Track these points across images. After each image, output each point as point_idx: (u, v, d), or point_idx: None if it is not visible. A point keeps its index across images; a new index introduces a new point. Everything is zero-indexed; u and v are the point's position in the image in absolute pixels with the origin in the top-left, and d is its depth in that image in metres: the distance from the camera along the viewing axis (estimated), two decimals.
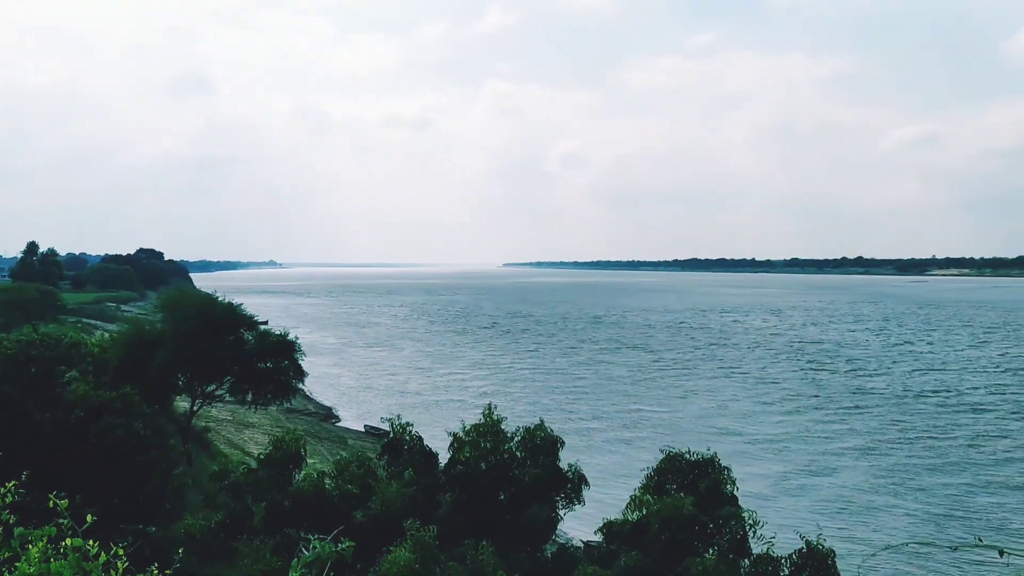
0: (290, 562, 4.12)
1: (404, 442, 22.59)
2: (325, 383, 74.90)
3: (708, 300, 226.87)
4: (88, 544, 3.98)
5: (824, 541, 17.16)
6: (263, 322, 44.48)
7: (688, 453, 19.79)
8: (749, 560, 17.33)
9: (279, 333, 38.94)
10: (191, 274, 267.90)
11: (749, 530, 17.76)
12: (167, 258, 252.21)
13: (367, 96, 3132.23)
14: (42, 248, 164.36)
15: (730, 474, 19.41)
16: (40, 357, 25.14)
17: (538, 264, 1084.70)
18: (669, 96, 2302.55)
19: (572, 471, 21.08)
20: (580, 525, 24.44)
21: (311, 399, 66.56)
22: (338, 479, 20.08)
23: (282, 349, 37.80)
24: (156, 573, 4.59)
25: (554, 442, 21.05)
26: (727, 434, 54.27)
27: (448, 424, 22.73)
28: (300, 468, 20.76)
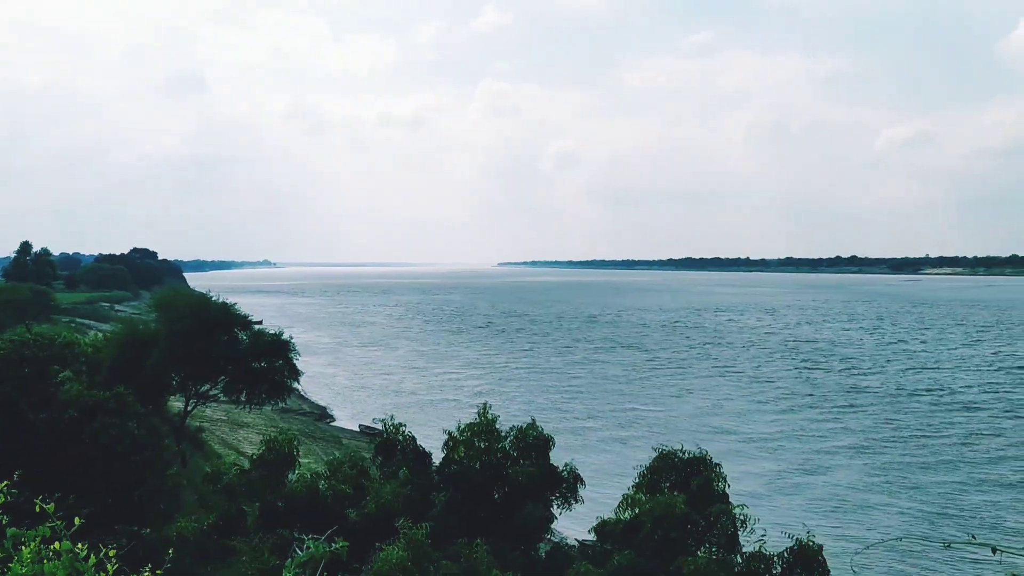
0: (284, 562, 4.11)
1: (397, 442, 22.59)
2: (320, 383, 74.83)
3: (703, 299, 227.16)
4: (77, 547, 3.96)
5: (814, 538, 17.19)
6: (257, 322, 44.44)
7: (681, 451, 19.79)
8: (740, 557, 17.36)
9: (273, 333, 38.89)
10: (185, 274, 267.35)
11: (740, 527, 17.78)
12: (161, 258, 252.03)
13: (363, 96, 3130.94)
14: (36, 248, 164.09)
15: (721, 471, 19.43)
16: (34, 357, 25.08)
17: (533, 263, 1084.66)
18: (665, 96, 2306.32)
19: (567, 470, 21.07)
20: (574, 524, 24.46)
21: (306, 399, 66.50)
22: (331, 479, 20.05)
23: (276, 349, 37.74)
24: (149, 575, 4.57)
25: (546, 441, 21.05)
26: (722, 433, 54.35)
27: (443, 424, 22.71)
28: (293, 468, 20.72)
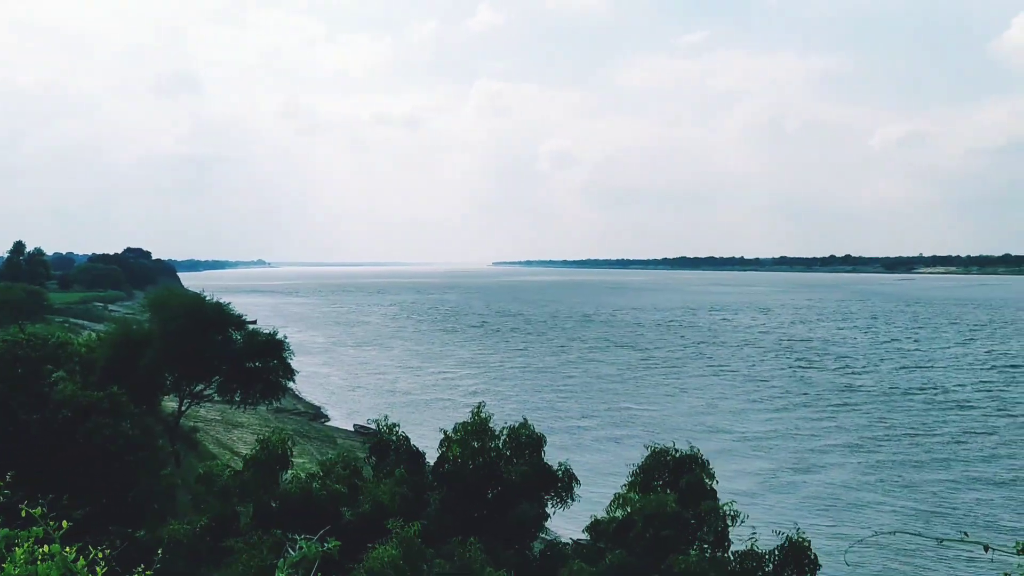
0: (278, 562, 4.11)
1: (391, 442, 22.58)
2: (314, 382, 74.75)
3: (697, 298, 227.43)
4: (66, 550, 3.96)
5: (804, 534, 17.23)
6: (252, 321, 44.33)
7: (673, 449, 19.80)
8: (731, 554, 17.39)
9: (268, 332, 38.76)
10: (179, 273, 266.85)
11: (730, 523, 17.80)
12: (155, 257, 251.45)
13: (357, 95, 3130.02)
14: (29, 247, 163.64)
15: (709, 467, 19.43)
16: (27, 357, 24.99)
17: (528, 263, 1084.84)
18: (660, 95, 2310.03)
19: (562, 469, 21.08)
20: (568, 523, 24.48)
21: (300, 398, 66.40)
22: (324, 480, 20.02)
23: (271, 348, 37.62)
24: None
25: (539, 440, 21.05)
26: (716, 432, 54.43)
27: (437, 423, 22.73)
28: (287, 468, 20.68)
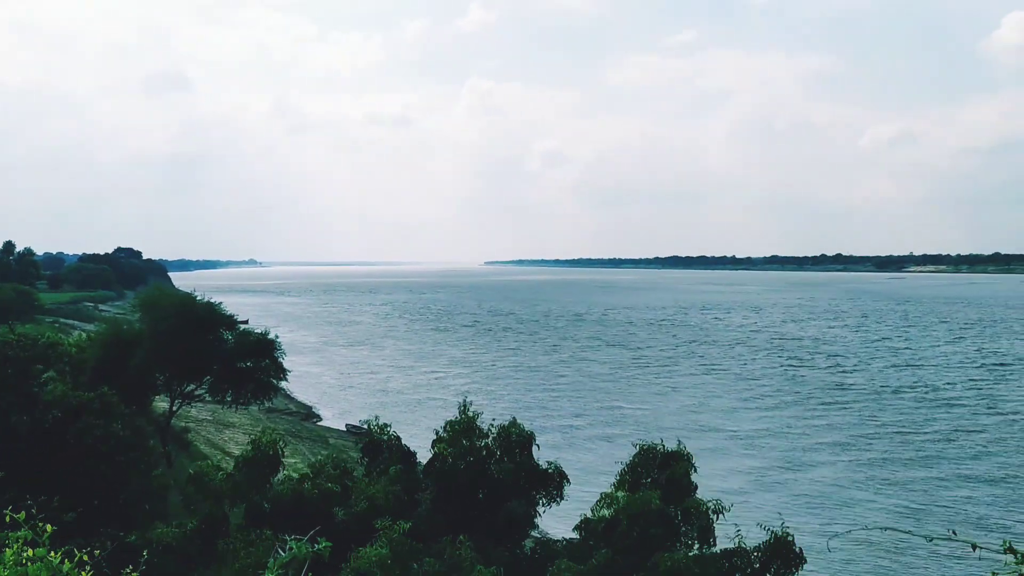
0: (268, 562, 4.11)
1: (383, 442, 22.57)
2: (306, 382, 74.59)
3: (689, 298, 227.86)
4: (51, 555, 3.96)
5: (788, 530, 17.30)
6: (243, 321, 44.27)
7: (660, 446, 19.82)
8: (716, 549, 17.43)
9: (259, 332, 38.69)
10: (170, 273, 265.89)
11: (714, 518, 17.84)
12: (145, 257, 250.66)
13: (348, 94, 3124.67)
14: (19, 247, 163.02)
15: (693, 462, 19.46)
16: (16, 357, 24.86)
17: (519, 262, 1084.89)
18: (650, 94, 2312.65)
19: (552, 468, 21.10)
20: (559, 523, 24.49)
21: (292, 398, 66.30)
22: (314, 480, 19.99)
23: (262, 348, 37.54)
24: None
25: (529, 438, 21.06)
26: (708, 430, 54.55)
27: (429, 423, 22.76)
28: (279, 469, 20.63)
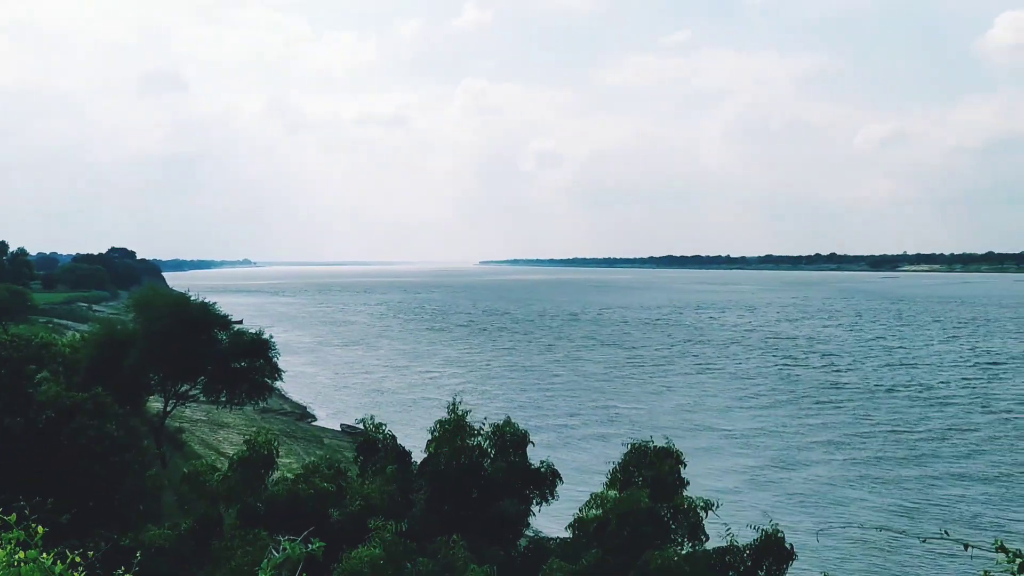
0: (262, 563, 4.11)
1: (378, 441, 22.52)
2: (301, 382, 74.49)
3: (683, 297, 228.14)
4: (42, 557, 3.95)
5: (778, 527, 17.36)
6: (237, 321, 44.18)
7: (650, 443, 19.82)
8: (709, 548, 17.46)
9: (254, 332, 38.62)
10: (164, 273, 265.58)
11: (703, 514, 17.86)
12: (139, 257, 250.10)
13: (342, 94, 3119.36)
14: (12, 247, 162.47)
15: (681, 458, 19.47)
16: (10, 358, 24.78)
17: (514, 262, 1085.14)
18: (644, 94, 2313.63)
19: (545, 466, 21.11)
20: (553, 522, 24.50)
21: (287, 398, 66.16)
22: (309, 480, 19.93)
23: (257, 348, 37.47)
24: None
25: (523, 438, 21.05)
26: (702, 429, 54.65)
27: (424, 423, 22.71)
28: (273, 469, 20.60)
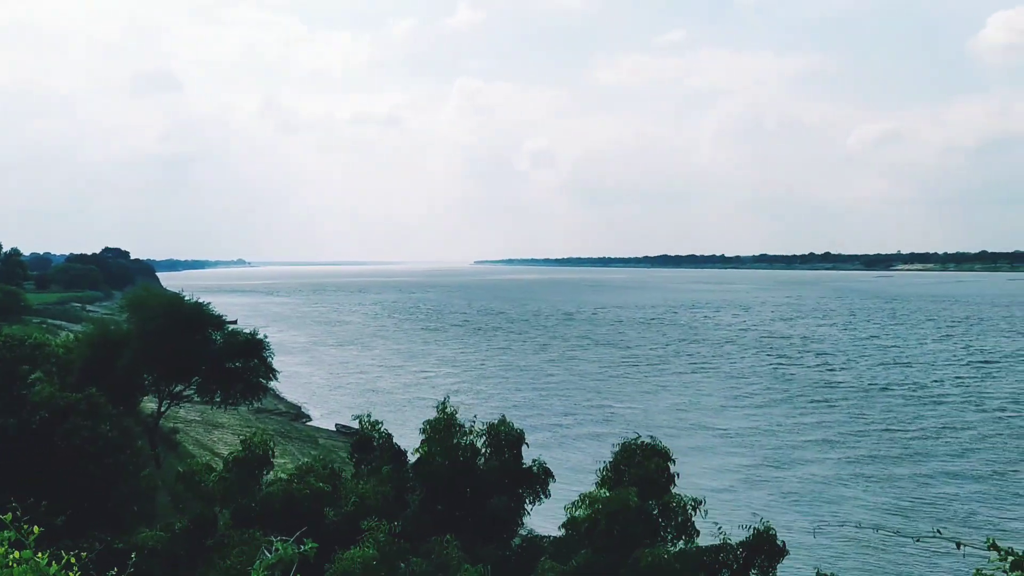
0: (254, 564, 4.11)
1: (373, 439, 22.47)
2: (295, 382, 74.38)
3: (678, 296, 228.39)
4: (38, 556, 3.95)
5: (770, 523, 17.40)
6: (232, 321, 44.18)
7: (638, 441, 19.84)
8: (702, 546, 17.51)
9: (248, 332, 38.60)
10: (158, 273, 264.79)
11: (692, 512, 17.90)
12: (133, 257, 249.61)
13: (337, 94, 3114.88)
14: (6, 248, 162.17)
15: (670, 455, 19.49)
16: (3, 358, 24.75)
17: (509, 261, 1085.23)
18: (639, 94, 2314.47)
19: (537, 465, 21.13)
20: (546, 522, 24.51)
21: (281, 398, 66.08)
22: (304, 480, 19.91)
23: (251, 348, 37.47)
24: None
25: (518, 437, 21.07)
26: (697, 428, 54.73)
27: (419, 422, 22.63)
28: (268, 469, 20.58)
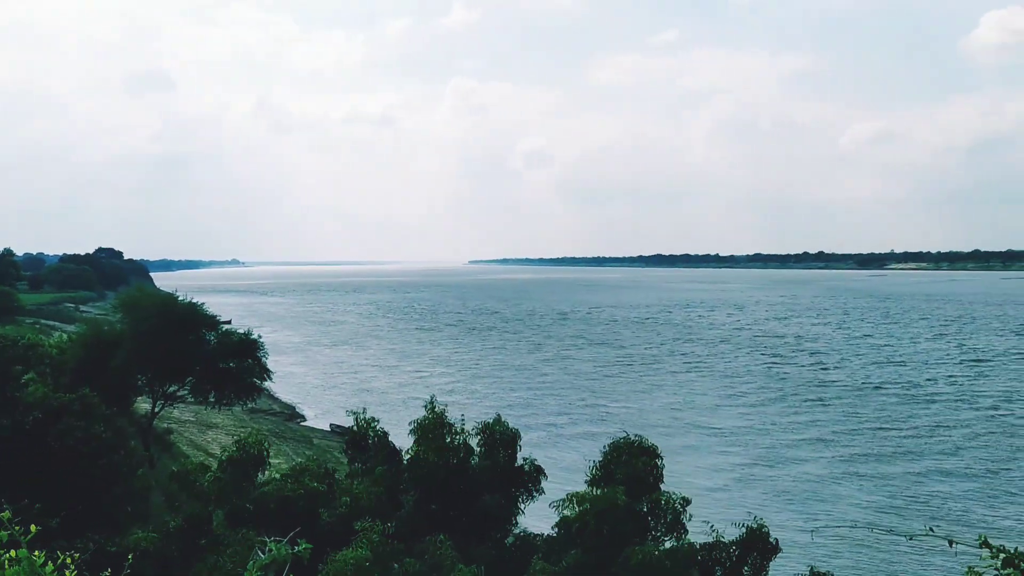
0: (248, 564, 4.10)
1: (368, 437, 22.39)
2: (290, 382, 74.30)
3: (673, 296, 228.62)
4: (35, 554, 3.94)
5: (763, 521, 17.44)
6: (226, 321, 44.03)
7: (625, 439, 19.85)
8: (696, 543, 17.54)
9: (242, 332, 38.52)
10: (152, 274, 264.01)
11: (680, 509, 17.93)
12: (127, 257, 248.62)
13: (331, 93, 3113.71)
14: None
15: (658, 453, 19.51)
16: None
17: (504, 261, 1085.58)
18: (633, 94, 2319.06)
19: (528, 464, 21.15)
20: (541, 520, 24.51)
21: (275, 398, 65.99)
22: (298, 480, 19.87)
23: (245, 348, 37.39)
24: None
25: (513, 436, 21.08)
26: (691, 427, 54.80)
27: (414, 423, 22.63)
28: (263, 469, 20.54)
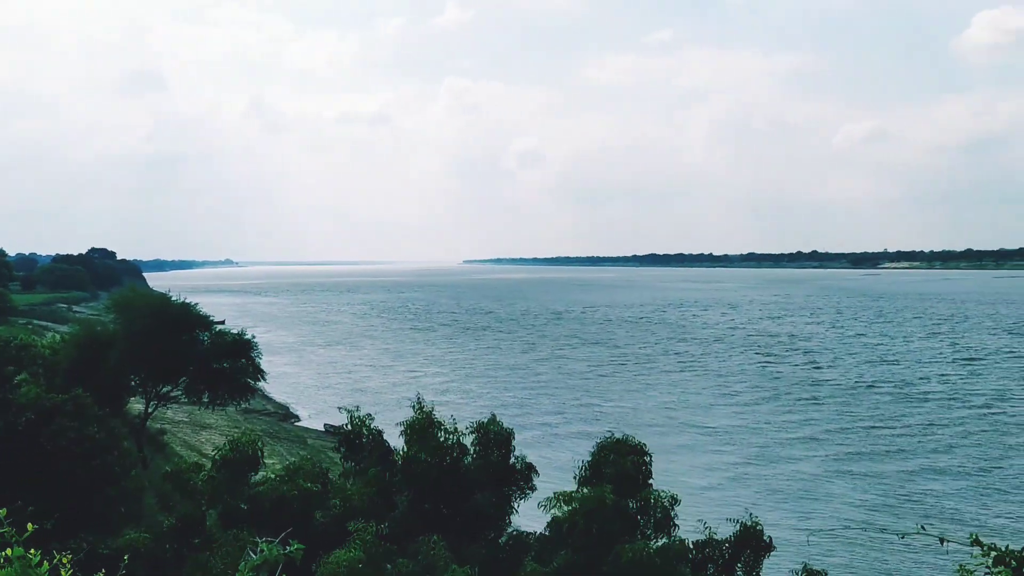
0: (239, 565, 4.10)
1: (362, 435, 22.33)
2: (284, 382, 74.17)
3: (666, 295, 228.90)
4: (30, 552, 3.93)
5: (757, 519, 17.50)
6: (219, 321, 44.03)
7: (612, 438, 19.88)
8: (688, 541, 17.60)
9: (236, 332, 38.50)
10: (145, 274, 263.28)
11: (670, 506, 17.98)
12: (120, 258, 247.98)
13: (324, 93, 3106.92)
14: None
15: (647, 451, 19.55)
16: None
17: (498, 261, 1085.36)
18: (627, 93, 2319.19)
19: (520, 462, 21.18)
20: (534, 521, 24.55)
21: (269, 399, 65.85)
22: (292, 481, 19.84)
23: (239, 348, 37.36)
24: None
25: (507, 436, 21.09)
26: (685, 426, 54.87)
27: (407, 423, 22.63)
28: (257, 470, 20.52)
